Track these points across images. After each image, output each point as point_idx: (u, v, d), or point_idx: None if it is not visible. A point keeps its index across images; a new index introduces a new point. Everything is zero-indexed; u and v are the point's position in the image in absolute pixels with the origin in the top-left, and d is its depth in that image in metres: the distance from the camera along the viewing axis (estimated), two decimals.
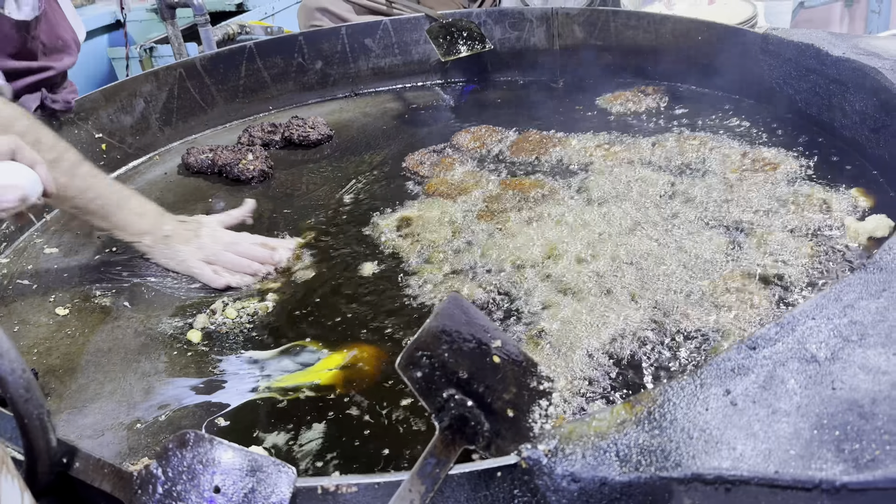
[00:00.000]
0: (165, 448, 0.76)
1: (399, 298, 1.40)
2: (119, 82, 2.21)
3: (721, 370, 0.78)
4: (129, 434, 1.15)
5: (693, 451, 0.69)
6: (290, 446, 1.07)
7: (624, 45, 2.36)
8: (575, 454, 0.71)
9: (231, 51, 2.43)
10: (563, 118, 2.16)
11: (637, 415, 0.74)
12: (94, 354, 1.36)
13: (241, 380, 1.24)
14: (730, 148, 1.77)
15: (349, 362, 1.24)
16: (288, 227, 1.74)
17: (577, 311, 1.26)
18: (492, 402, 0.81)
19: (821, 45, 1.78)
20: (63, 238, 1.82)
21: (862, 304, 0.83)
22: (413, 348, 0.77)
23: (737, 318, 1.19)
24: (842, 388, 0.72)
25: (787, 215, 1.46)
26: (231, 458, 0.75)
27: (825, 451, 0.67)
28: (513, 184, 1.76)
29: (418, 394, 0.75)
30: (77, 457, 0.79)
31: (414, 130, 2.25)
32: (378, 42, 2.59)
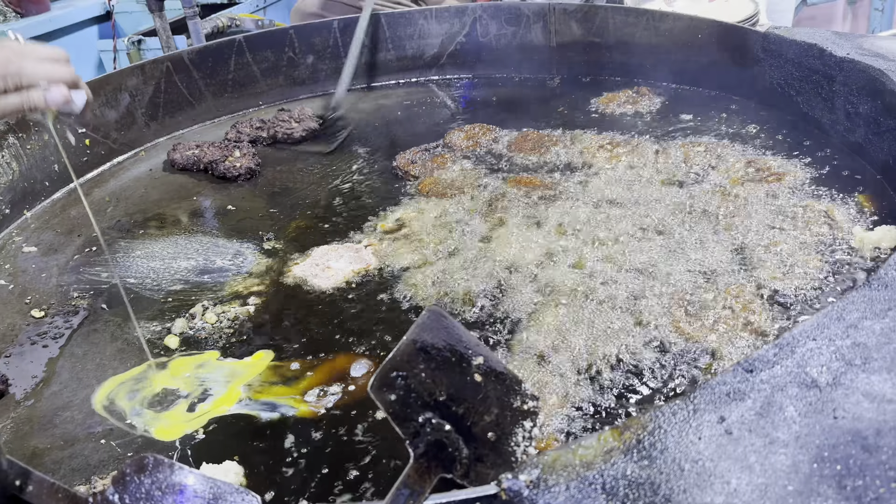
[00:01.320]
0: (122, 473, 0.71)
1: (386, 304, 1.35)
2: (104, 76, 2.15)
3: (715, 394, 0.73)
4: (99, 446, 1.10)
5: (684, 484, 0.65)
6: (265, 465, 1.03)
7: (622, 43, 2.31)
8: (558, 486, 0.66)
9: (220, 44, 2.37)
10: (559, 117, 2.11)
11: (626, 442, 0.69)
12: (69, 360, 1.31)
13: (219, 392, 1.19)
14: (734, 156, 1.71)
15: (331, 374, 1.19)
16: (275, 227, 1.69)
17: (569, 322, 1.22)
18: (472, 424, 0.77)
19: (824, 44, 1.73)
20: (43, 236, 1.77)
21: (866, 324, 0.79)
22: (387, 368, 0.72)
23: (734, 335, 1.14)
24: (844, 418, 0.68)
25: (792, 227, 1.40)
26: (192, 484, 0.70)
27: (825, 487, 0.62)
28: (520, 180, 1.71)
29: (392, 419, 0.70)
30: (30, 480, 0.74)
31: (406, 128, 2.20)
32: (371, 36, 2.53)
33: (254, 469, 1.01)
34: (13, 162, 1.84)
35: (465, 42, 2.54)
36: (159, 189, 1.97)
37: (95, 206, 1.90)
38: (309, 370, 1.21)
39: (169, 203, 1.87)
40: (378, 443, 1.03)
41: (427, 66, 2.59)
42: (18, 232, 1.80)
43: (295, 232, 1.66)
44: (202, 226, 1.74)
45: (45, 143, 1.95)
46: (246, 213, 1.78)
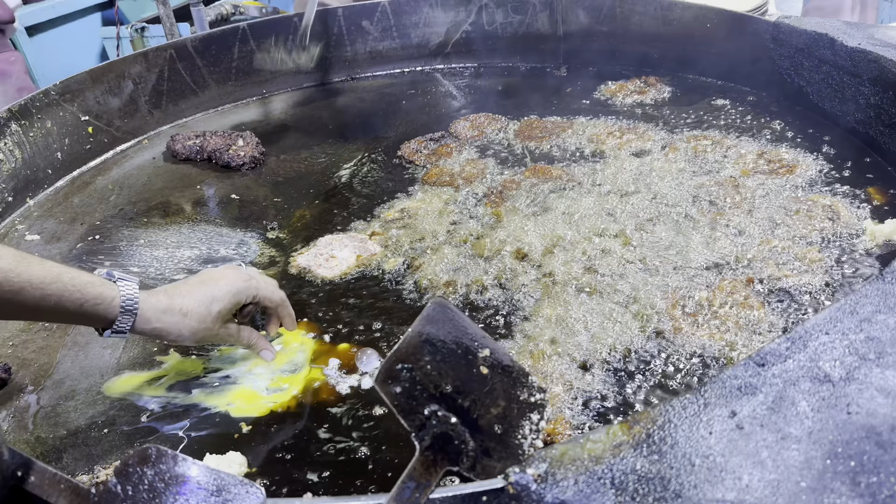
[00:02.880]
0: (125, 464, 0.70)
1: (391, 294, 1.34)
2: (107, 63, 2.14)
3: (726, 389, 0.72)
4: (102, 435, 1.09)
5: (695, 479, 0.64)
6: (269, 456, 1.02)
7: (630, 32, 2.28)
8: (567, 480, 0.65)
9: (224, 32, 2.35)
10: (566, 107, 2.09)
11: (635, 437, 0.68)
12: (72, 349, 1.31)
13: (226, 380, 1.18)
14: (743, 147, 1.69)
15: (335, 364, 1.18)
16: (279, 216, 1.68)
17: (575, 313, 1.20)
18: (478, 417, 0.75)
19: (835, 34, 1.71)
20: (45, 224, 1.76)
21: (880, 317, 0.77)
22: (393, 360, 0.71)
23: (734, 329, 1.13)
24: (858, 413, 0.67)
25: (802, 220, 1.38)
26: (195, 475, 0.69)
27: (839, 483, 0.61)
28: (535, 170, 1.70)
29: (397, 411, 0.69)
30: (32, 470, 0.73)
31: (411, 117, 2.18)
32: (376, 24, 2.51)
33: (257, 460, 1.01)
34: (16, 150, 1.83)
35: (471, 30, 2.51)
36: (163, 177, 1.96)
37: (99, 194, 1.89)
38: (313, 360, 1.20)
39: (172, 192, 1.86)
40: (384, 434, 1.02)
41: (432, 55, 2.56)
42: (21, 220, 1.79)
43: (299, 221, 1.65)
44: (206, 215, 1.73)
45: (48, 131, 1.94)
46: (250, 202, 1.77)
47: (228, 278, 1.13)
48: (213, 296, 1.10)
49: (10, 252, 0.96)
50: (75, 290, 0.99)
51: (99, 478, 0.99)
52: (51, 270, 0.98)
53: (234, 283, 1.12)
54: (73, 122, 2.01)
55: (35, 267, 0.97)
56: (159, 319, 1.06)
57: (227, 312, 1.11)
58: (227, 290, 1.11)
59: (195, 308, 1.08)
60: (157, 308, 1.05)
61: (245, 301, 1.15)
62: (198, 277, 1.15)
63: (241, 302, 1.14)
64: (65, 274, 0.99)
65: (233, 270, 1.16)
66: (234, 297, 1.12)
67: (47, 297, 0.97)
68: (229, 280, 1.13)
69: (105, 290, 1.02)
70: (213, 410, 1.11)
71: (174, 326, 1.07)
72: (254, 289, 1.15)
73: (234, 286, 1.12)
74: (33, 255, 1.01)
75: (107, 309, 1.01)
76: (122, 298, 1.02)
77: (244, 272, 1.17)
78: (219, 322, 1.11)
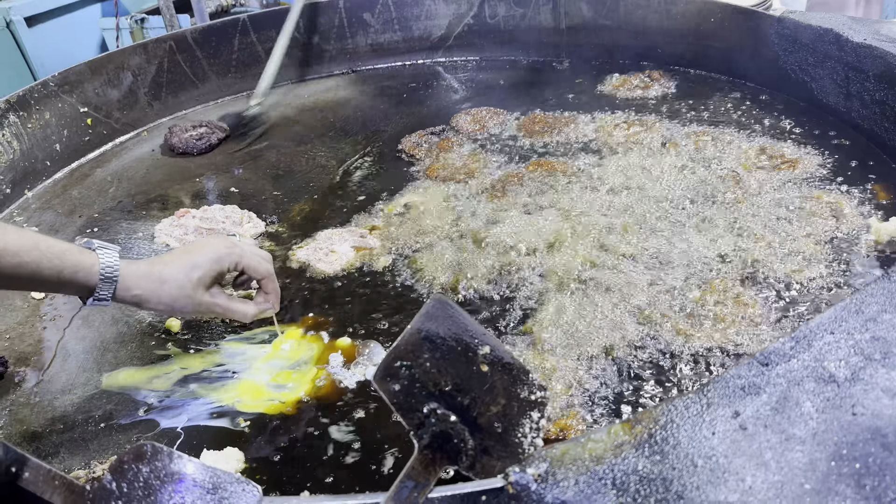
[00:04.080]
0: (121, 460, 0.70)
1: (391, 288, 1.33)
2: (106, 54, 2.12)
3: (730, 388, 0.71)
4: (99, 430, 1.09)
5: (697, 480, 0.63)
6: (266, 452, 1.01)
7: (633, 26, 2.26)
8: (567, 480, 0.64)
9: (224, 23, 2.34)
10: (569, 102, 2.07)
11: (637, 437, 0.67)
12: (69, 342, 1.30)
13: (224, 374, 1.17)
14: (746, 143, 1.67)
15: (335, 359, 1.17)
16: (278, 210, 1.67)
17: (575, 310, 1.19)
18: (478, 415, 0.75)
19: (840, 30, 1.69)
20: (44, 216, 1.75)
21: (885, 317, 0.76)
22: (391, 358, 0.70)
23: (733, 327, 1.12)
24: (863, 414, 0.66)
25: (806, 217, 1.37)
26: (191, 473, 0.69)
27: (844, 486, 0.60)
28: (539, 164, 1.69)
29: (396, 409, 0.68)
30: (27, 466, 0.73)
31: (412, 110, 2.16)
32: (377, 17, 2.50)
33: (255, 456, 1.00)
34: (14, 141, 1.82)
35: (473, 23, 2.50)
36: (162, 170, 1.94)
37: (97, 186, 1.88)
38: (316, 356, 1.19)
39: (171, 184, 1.85)
40: (381, 432, 1.01)
41: (434, 48, 2.55)
42: (19, 212, 1.78)
43: (299, 215, 1.64)
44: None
45: (47, 123, 1.92)
46: (249, 195, 1.76)
47: (211, 245, 1.11)
48: (193, 262, 1.08)
49: None
50: (53, 258, 0.98)
51: (95, 473, 0.99)
52: (28, 238, 0.97)
53: (215, 250, 1.10)
54: (71, 113, 2.00)
55: (11, 234, 0.96)
56: (139, 286, 1.04)
57: (208, 279, 1.09)
58: (209, 257, 1.09)
59: (174, 275, 1.06)
60: (136, 275, 1.04)
61: (228, 267, 1.12)
62: (182, 247, 1.13)
63: (223, 269, 1.11)
64: (42, 242, 0.98)
65: (218, 238, 1.14)
66: (216, 263, 1.09)
67: (24, 265, 0.95)
68: (212, 247, 1.11)
69: (84, 258, 1.00)
70: (212, 405, 1.10)
71: (153, 293, 1.05)
72: (237, 255, 1.12)
73: (216, 253, 1.10)
74: (10, 224, 0.99)
75: (86, 276, 1.00)
76: (102, 266, 1.01)
77: (229, 240, 1.15)
78: (200, 289, 1.08)
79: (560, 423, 0.94)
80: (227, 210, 1.64)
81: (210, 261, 1.09)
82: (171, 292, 1.06)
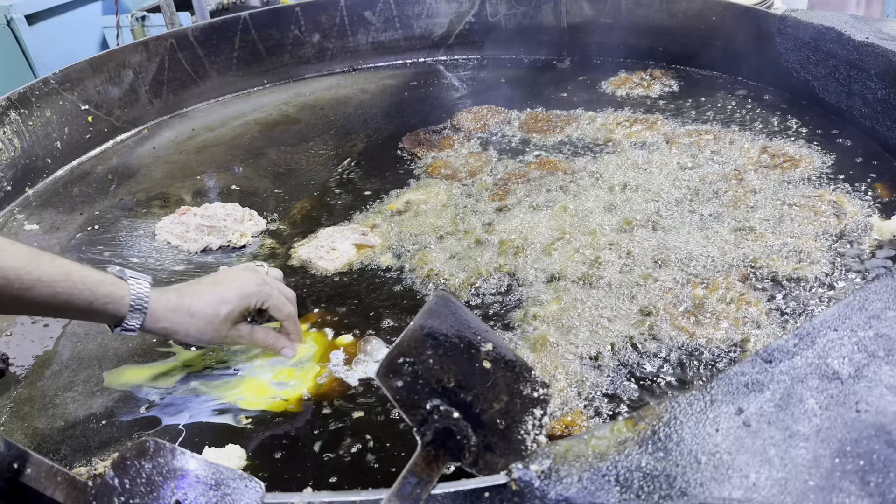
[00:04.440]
0: (123, 457, 0.70)
1: (392, 286, 1.33)
2: (107, 52, 2.12)
3: (733, 385, 0.71)
4: (100, 427, 1.08)
5: (701, 477, 0.63)
6: (268, 449, 1.01)
7: (634, 24, 2.26)
8: (570, 477, 0.64)
9: (225, 21, 2.33)
10: (570, 100, 2.07)
11: (640, 433, 0.67)
12: (70, 339, 1.30)
13: (226, 371, 1.17)
14: (748, 141, 1.67)
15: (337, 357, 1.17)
16: (279, 208, 1.67)
17: (577, 308, 1.19)
18: (481, 412, 0.74)
19: (842, 28, 1.69)
20: (44, 214, 1.75)
21: (889, 314, 0.76)
22: (394, 354, 0.70)
23: (735, 325, 1.12)
24: (867, 411, 0.65)
25: (808, 215, 1.36)
26: (194, 469, 0.68)
27: (848, 482, 0.60)
28: (540, 162, 1.68)
29: (399, 406, 0.68)
30: (29, 462, 0.73)
31: (414, 109, 2.16)
32: (378, 15, 2.49)
33: (257, 453, 1.00)
34: (15, 138, 1.82)
35: (474, 22, 2.50)
36: (162, 168, 1.94)
37: (98, 184, 1.88)
38: (318, 354, 1.18)
39: (172, 182, 1.85)
40: (385, 429, 1.01)
41: (435, 46, 2.55)
42: (20, 209, 1.78)
43: (300, 213, 1.64)
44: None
45: (48, 120, 1.92)
46: (250, 193, 1.75)
47: (241, 280, 1.11)
48: (222, 297, 1.08)
49: (22, 249, 0.96)
50: (85, 289, 0.98)
51: (97, 470, 0.99)
52: (61, 268, 0.97)
53: (245, 287, 1.10)
54: (72, 111, 2.00)
55: (45, 265, 0.96)
56: (168, 318, 1.05)
57: (236, 315, 1.10)
58: (238, 294, 1.09)
59: (203, 309, 1.07)
60: (166, 307, 1.05)
61: (255, 306, 1.12)
62: (212, 277, 1.14)
63: (250, 306, 1.11)
64: (75, 272, 0.98)
65: (248, 273, 1.14)
66: (244, 300, 1.10)
67: (57, 295, 0.96)
68: (241, 283, 1.11)
69: (115, 289, 1.01)
70: (213, 402, 1.10)
71: (182, 326, 1.06)
72: (265, 295, 1.12)
73: (245, 290, 1.10)
74: (44, 251, 1.00)
75: (117, 307, 1.01)
76: (132, 297, 1.02)
77: (259, 276, 1.14)
78: (227, 324, 1.09)
79: (565, 420, 0.94)
80: (228, 208, 1.64)
81: (239, 297, 1.09)
82: (199, 326, 1.07)
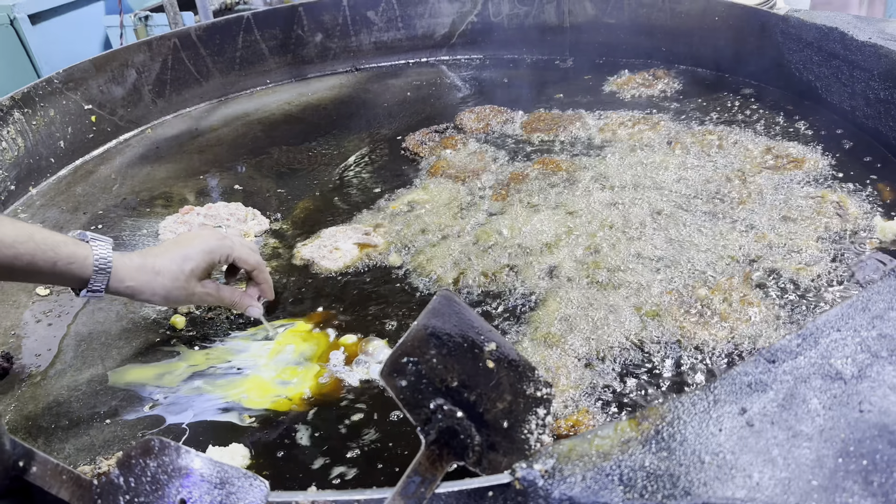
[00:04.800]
0: (128, 455, 0.70)
1: (395, 286, 1.34)
2: (110, 52, 2.12)
3: (737, 385, 0.71)
4: (104, 426, 1.09)
5: (704, 477, 0.63)
6: (272, 448, 1.01)
7: (637, 24, 2.26)
8: (574, 476, 0.64)
9: (228, 21, 2.34)
10: (573, 100, 2.07)
11: (644, 433, 0.67)
12: (74, 338, 1.30)
13: (229, 370, 1.17)
14: (751, 142, 1.67)
15: (340, 356, 1.17)
16: (282, 207, 1.67)
17: (580, 308, 1.19)
18: (484, 411, 0.75)
19: (845, 28, 1.69)
20: (48, 214, 1.75)
21: (892, 314, 0.76)
22: (398, 354, 0.70)
23: (738, 325, 1.12)
24: (870, 411, 0.66)
25: (811, 216, 1.36)
26: (198, 468, 0.69)
27: (851, 482, 0.60)
28: (542, 162, 1.68)
29: (402, 405, 0.68)
30: (34, 460, 0.73)
31: (416, 109, 2.17)
32: (381, 15, 2.50)
33: (261, 452, 1.00)
34: (18, 138, 1.82)
35: (477, 22, 2.50)
36: (166, 167, 1.95)
37: (101, 183, 1.88)
38: (320, 353, 1.19)
39: (175, 181, 1.85)
40: (389, 428, 1.02)
41: (437, 46, 2.55)
42: (24, 209, 1.79)
43: (303, 213, 1.64)
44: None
45: (51, 120, 1.93)
46: (253, 192, 1.76)
47: (202, 237, 1.14)
48: (185, 254, 1.10)
49: None
50: (48, 249, 1.00)
51: (101, 468, 0.99)
52: (23, 230, 0.99)
53: (207, 242, 1.13)
54: (76, 110, 2.00)
55: (7, 226, 0.98)
56: (132, 278, 1.06)
57: (200, 271, 1.12)
58: (200, 249, 1.12)
59: (167, 266, 1.08)
60: (129, 266, 1.06)
61: (219, 260, 1.15)
62: (174, 238, 1.17)
63: (214, 261, 1.14)
64: (37, 233, 1.00)
65: (208, 230, 1.17)
66: (208, 255, 1.12)
67: (20, 256, 0.97)
68: (203, 238, 1.14)
69: (78, 250, 1.02)
70: (217, 401, 1.10)
71: (147, 285, 1.08)
72: (227, 248, 1.15)
73: (208, 244, 1.13)
74: (6, 216, 1.01)
75: (80, 268, 1.02)
76: (95, 257, 1.03)
77: (219, 232, 1.17)
78: (192, 280, 1.11)
79: (571, 419, 0.94)
80: (231, 207, 1.65)
81: (202, 252, 1.12)
82: (165, 283, 1.09)
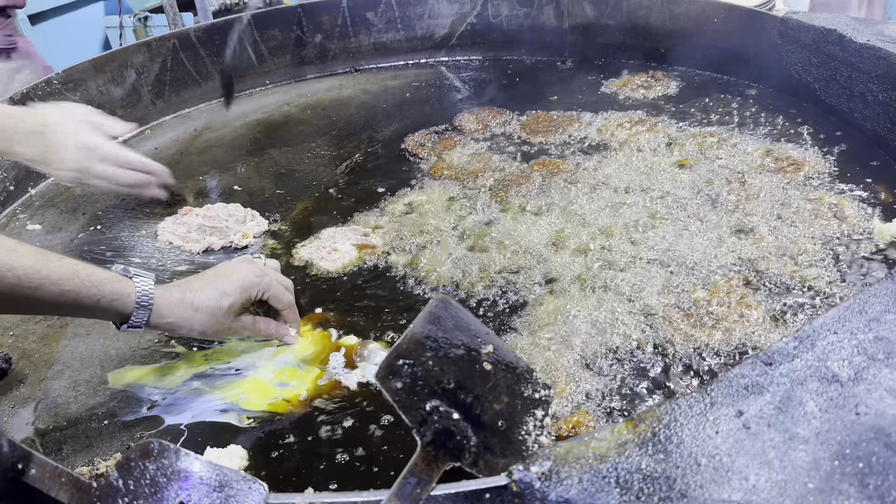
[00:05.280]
0: (127, 458, 0.70)
1: (394, 287, 1.34)
2: (109, 52, 2.12)
3: (733, 388, 0.71)
4: (103, 427, 1.09)
5: (701, 479, 0.63)
6: (270, 450, 1.02)
7: (636, 26, 2.26)
8: (571, 479, 0.64)
9: (227, 22, 2.33)
10: (572, 101, 2.07)
11: (640, 435, 0.68)
12: (72, 340, 1.30)
13: (228, 372, 1.17)
14: (750, 144, 1.67)
15: (338, 358, 1.17)
16: (281, 208, 1.67)
17: (578, 310, 1.20)
18: (481, 413, 0.75)
19: (844, 30, 1.69)
20: (47, 214, 1.75)
21: (889, 317, 0.76)
22: (393, 356, 0.71)
23: (734, 328, 1.12)
24: (867, 414, 0.66)
25: (809, 218, 1.36)
26: (198, 471, 0.69)
27: (847, 485, 0.60)
28: (541, 164, 1.69)
29: (398, 407, 0.68)
30: (33, 463, 0.73)
31: (415, 110, 2.17)
32: (380, 16, 2.50)
33: (259, 454, 1.00)
34: None
35: (476, 22, 2.50)
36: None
37: None
38: (319, 355, 1.19)
39: (174, 182, 1.85)
40: (387, 431, 1.02)
41: (437, 47, 2.55)
42: (23, 209, 1.79)
43: (301, 214, 1.64)
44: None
45: None
46: (252, 193, 1.76)
47: (241, 273, 1.15)
48: (224, 290, 1.11)
49: (30, 249, 0.99)
50: (92, 287, 1.01)
51: (99, 470, 0.99)
52: (68, 267, 1.01)
53: (245, 279, 1.14)
54: None
55: (53, 263, 0.99)
56: (172, 314, 1.08)
57: (238, 307, 1.13)
58: (239, 286, 1.13)
59: (206, 302, 1.10)
60: (170, 302, 1.08)
61: (256, 297, 1.15)
62: (212, 271, 1.17)
63: (251, 297, 1.15)
64: (82, 270, 1.01)
65: (247, 264, 1.17)
66: (245, 291, 1.13)
67: (65, 294, 0.99)
68: (241, 275, 1.15)
69: (121, 286, 1.04)
70: (216, 403, 1.11)
71: (186, 321, 1.09)
72: (265, 286, 1.16)
73: (246, 281, 1.14)
74: (51, 252, 1.03)
75: (123, 304, 1.04)
76: (138, 294, 1.05)
77: (258, 267, 1.18)
78: (230, 316, 1.12)
79: (572, 420, 0.94)
80: (230, 208, 1.65)
81: (240, 289, 1.13)
82: (203, 320, 1.10)
